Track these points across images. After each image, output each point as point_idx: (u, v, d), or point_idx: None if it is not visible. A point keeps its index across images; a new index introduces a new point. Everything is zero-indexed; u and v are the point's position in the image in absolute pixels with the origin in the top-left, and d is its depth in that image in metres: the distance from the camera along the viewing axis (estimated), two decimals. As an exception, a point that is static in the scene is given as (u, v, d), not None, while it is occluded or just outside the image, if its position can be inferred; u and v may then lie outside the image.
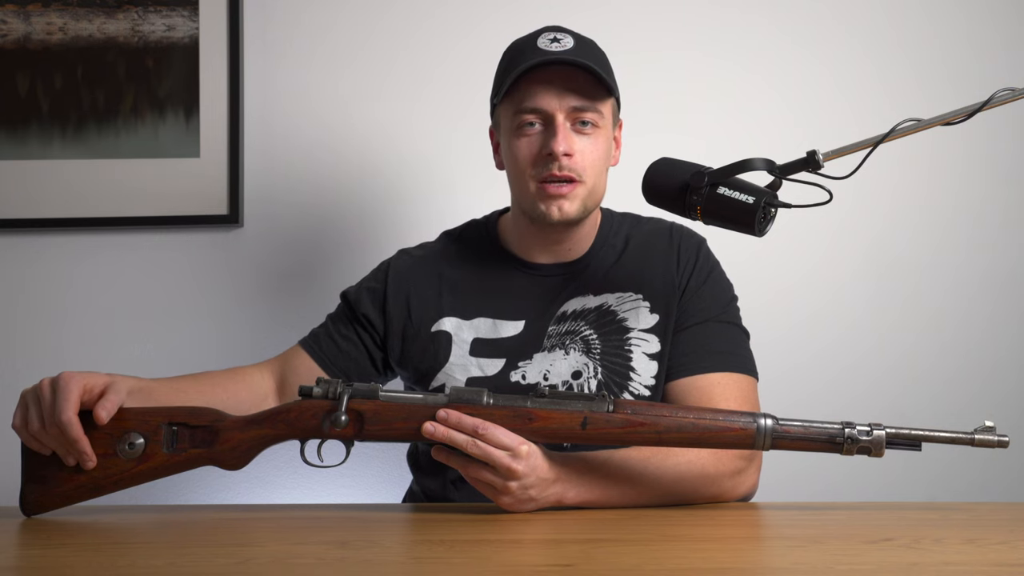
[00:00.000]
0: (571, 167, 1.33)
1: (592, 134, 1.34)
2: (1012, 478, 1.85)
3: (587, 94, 1.33)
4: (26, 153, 1.89)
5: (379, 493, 1.85)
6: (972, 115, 1.15)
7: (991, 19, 1.94)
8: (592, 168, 1.35)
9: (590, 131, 1.34)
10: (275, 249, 1.91)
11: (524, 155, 1.35)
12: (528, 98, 1.33)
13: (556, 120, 1.32)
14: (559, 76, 1.32)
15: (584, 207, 1.36)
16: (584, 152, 1.34)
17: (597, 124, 1.34)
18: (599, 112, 1.34)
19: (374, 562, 0.96)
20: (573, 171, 1.33)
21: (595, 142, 1.35)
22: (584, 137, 1.34)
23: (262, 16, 1.92)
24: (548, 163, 1.33)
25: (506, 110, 1.37)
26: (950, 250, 1.93)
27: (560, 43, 1.34)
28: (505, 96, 1.35)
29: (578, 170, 1.34)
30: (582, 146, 1.34)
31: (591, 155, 1.34)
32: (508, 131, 1.37)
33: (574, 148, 1.33)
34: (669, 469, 1.20)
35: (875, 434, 1.10)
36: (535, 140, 1.34)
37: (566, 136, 1.32)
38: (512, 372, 1.37)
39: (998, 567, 0.91)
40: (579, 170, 1.34)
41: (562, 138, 1.32)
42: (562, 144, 1.32)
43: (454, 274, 1.45)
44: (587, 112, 1.33)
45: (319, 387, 1.16)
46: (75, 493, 1.15)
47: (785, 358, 1.85)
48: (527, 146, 1.35)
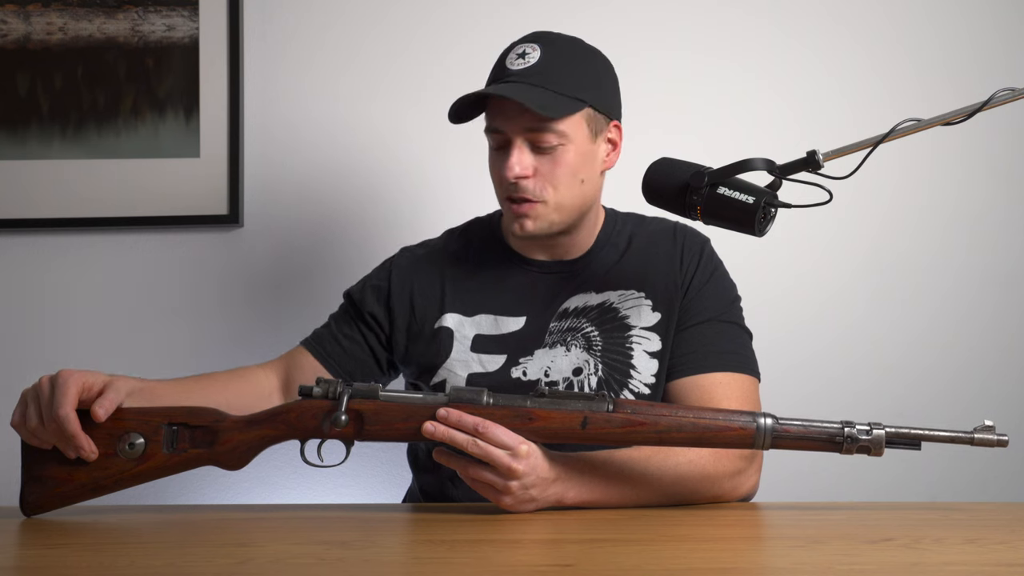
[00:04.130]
0: (526, 188, 1.32)
1: (553, 153, 1.31)
2: (1012, 478, 1.85)
3: (540, 116, 1.28)
4: (26, 153, 1.90)
5: (379, 493, 1.85)
6: (972, 115, 1.15)
7: (991, 19, 1.94)
8: (561, 183, 1.32)
9: (550, 151, 1.31)
10: (275, 249, 1.92)
11: (495, 174, 1.36)
12: (491, 118, 1.34)
13: (513, 142, 1.32)
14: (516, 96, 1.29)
15: (550, 223, 1.35)
16: (544, 172, 1.32)
17: (560, 142, 1.31)
18: (557, 132, 1.31)
19: (374, 562, 0.96)
20: (528, 192, 1.32)
21: (559, 159, 1.32)
22: (545, 156, 1.32)
23: (262, 16, 1.93)
24: (507, 184, 1.33)
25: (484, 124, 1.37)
26: (950, 250, 1.93)
27: (525, 59, 1.32)
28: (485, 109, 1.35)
29: (534, 191, 1.32)
30: (543, 165, 1.32)
31: (555, 172, 1.32)
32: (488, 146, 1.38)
33: (530, 169, 1.31)
34: (669, 469, 1.20)
35: (875, 433, 1.10)
36: (501, 159, 1.34)
37: (520, 159, 1.31)
38: (513, 368, 1.37)
39: (998, 567, 0.91)
40: (536, 190, 1.32)
41: (514, 161, 1.31)
42: (515, 167, 1.31)
43: (457, 271, 1.45)
44: (543, 133, 1.30)
45: (319, 387, 1.16)
46: (75, 493, 1.15)
47: (785, 358, 1.85)
48: (496, 165, 1.36)
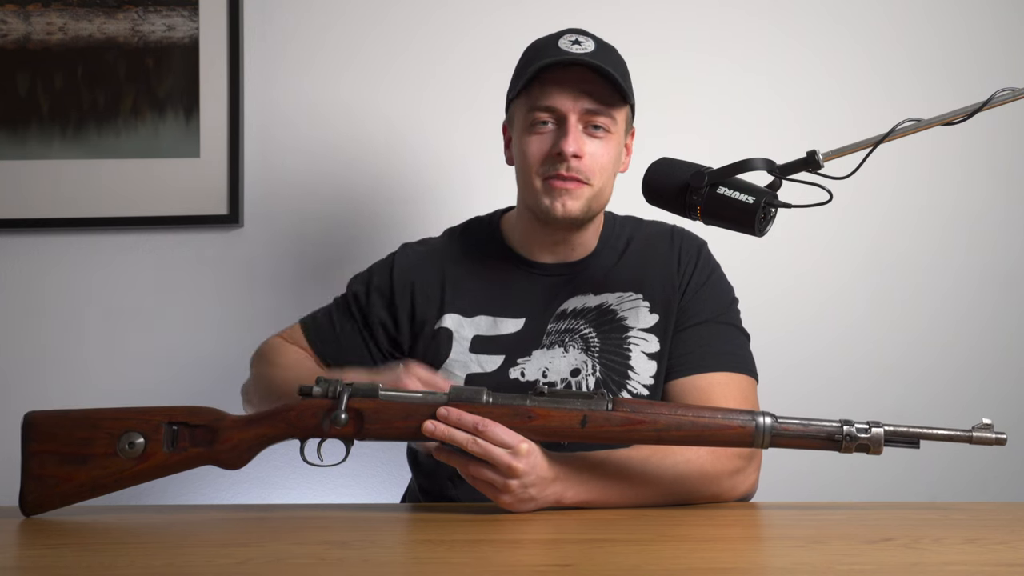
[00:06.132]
0: (579, 168, 1.33)
1: (603, 139, 1.34)
2: (1012, 478, 1.85)
3: (602, 99, 1.33)
4: (26, 153, 1.90)
5: (379, 493, 1.85)
6: (972, 115, 1.15)
7: (991, 19, 1.94)
8: (601, 172, 1.35)
9: (601, 135, 1.34)
10: (275, 249, 1.91)
11: (534, 152, 1.35)
12: (544, 96, 1.34)
13: (569, 120, 1.33)
14: (576, 78, 1.32)
15: (588, 208, 1.36)
16: (594, 155, 1.34)
17: (609, 129, 1.34)
18: (612, 118, 1.34)
19: (374, 562, 0.96)
20: (580, 173, 1.34)
21: (606, 146, 1.35)
22: (595, 140, 1.34)
23: (262, 16, 1.93)
24: (557, 162, 1.33)
25: (521, 107, 1.37)
26: (950, 250, 1.93)
27: (581, 46, 1.34)
28: (521, 92, 1.35)
29: (586, 172, 1.34)
30: (592, 149, 1.34)
31: (601, 159, 1.34)
32: (521, 127, 1.37)
33: (584, 150, 1.33)
34: (668, 468, 1.20)
35: (873, 432, 1.10)
36: (547, 138, 1.34)
37: (577, 137, 1.33)
38: (511, 369, 1.37)
39: (998, 567, 0.91)
40: (587, 172, 1.34)
41: (572, 139, 1.32)
42: (572, 145, 1.32)
43: (456, 271, 1.45)
44: (600, 116, 1.33)
45: (319, 386, 1.16)
46: (75, 493, 1.15)
47: (785, 358, 1.85)
48: (538, 143, 1.35)
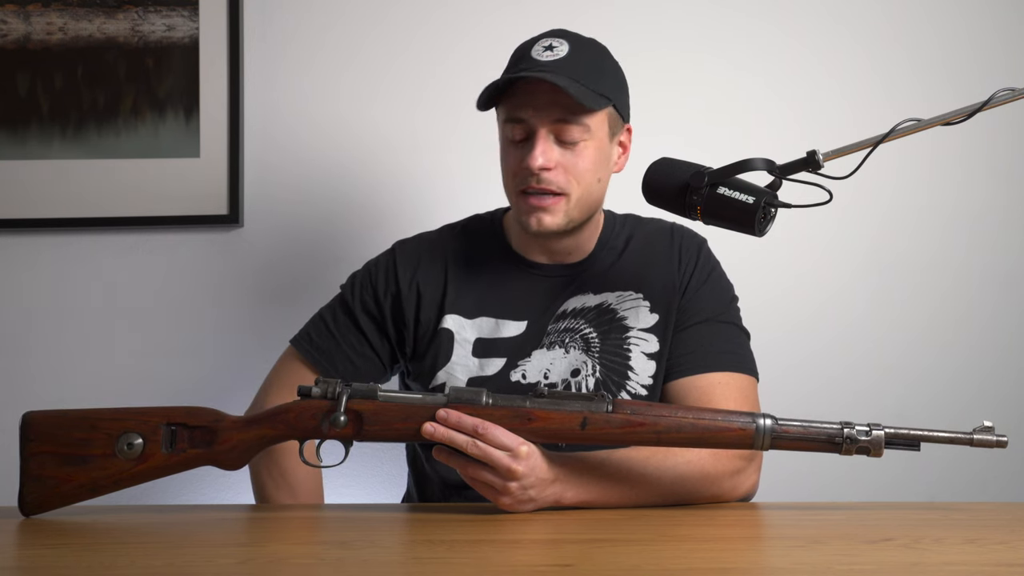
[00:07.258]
0: (550, 180, 1.30)
1: (579, 144, 1.31)
2: (1012, 478, 1.85)
3: (571, 108, 1.29)
4: (26, 153, 1.89)
5: (379, 493, 1.85)
6: (972, 115, 1.15)
7: (991, 19, 1.93)
8: (579, 179, 1.32)
9: (577, 141, 1.31)
10: (275, 249, 1.91)
11: (509, 165, 1.34)
12: (514, 108, 1.31)
13: (538, 133, 1.30)
14: (545, 88, 1.28)
15: (569, 219, 1.34)
16: (567, 165, 1.31)
17: (583, 137, 1.31)
18: (584, 126, 1.30)
19: (374, 562, 0.96)
20: (553, 184, 1.31)
21: (581, 154, 1.31)
22: (569, 150, 1.31)
23: (262, 16, 1.92)
24: (527, 175, 1.31)
25: (499, 115, 1.36)
26: (950, 250, 1.92)
27: (554, 51, 1.30)
28: (500, 101, 1.33)
29: (559, 183, 1.31)
30: (566, 159, 1.31)
31: (577, 167, 1.31)
32: (501, 138, 1.36)
33: (553, 162, 1.30)
34: (668, 469, 1.20)
35: (874, 434, 1.10)
36: (519, 151, 1.32)
37: (545, 150, 1.29)
38: (512, 371, 1.37)
39: (998, 567, 0.91)
40: (560, 183, 1.31)
41: (539, 152, 1.29)
42: (539, 158, 1.29)
43: (459, 270, 1.43)
44: (570, 125, 1.30)
45: (318, 387, 1.15)
46: (74, 493, 1.15)
47: (785, 357, 1.85)
48: (512, 156, 1.33)
